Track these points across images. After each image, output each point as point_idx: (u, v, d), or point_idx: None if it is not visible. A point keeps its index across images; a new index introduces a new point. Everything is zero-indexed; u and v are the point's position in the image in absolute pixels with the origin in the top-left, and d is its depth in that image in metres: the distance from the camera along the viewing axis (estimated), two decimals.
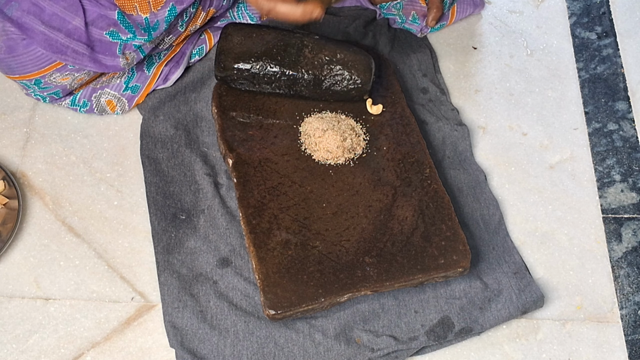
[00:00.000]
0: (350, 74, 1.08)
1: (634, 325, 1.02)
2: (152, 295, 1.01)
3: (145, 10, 1.04)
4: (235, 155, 1.06)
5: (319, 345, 0.97)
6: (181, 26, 1.10)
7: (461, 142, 1.14)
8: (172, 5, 1.05)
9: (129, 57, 1.06)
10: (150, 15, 1.04)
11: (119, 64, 1.06)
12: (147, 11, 1.04)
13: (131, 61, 1.07)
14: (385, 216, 1.01)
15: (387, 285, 0.96)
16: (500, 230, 1.07)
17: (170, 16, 1.05)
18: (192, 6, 1.09)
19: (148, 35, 1.05)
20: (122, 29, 1.03)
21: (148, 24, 1.05)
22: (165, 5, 1.05)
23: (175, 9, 1.05)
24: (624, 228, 1.10)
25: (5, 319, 0.99)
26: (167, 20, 1.06)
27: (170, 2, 1.05)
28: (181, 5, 1.06)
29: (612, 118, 1.21)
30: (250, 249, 0.99)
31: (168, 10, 1.05)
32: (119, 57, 1.05)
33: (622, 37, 1.30)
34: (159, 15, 1.05)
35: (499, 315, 0.99)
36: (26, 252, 1.04)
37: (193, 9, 1.10)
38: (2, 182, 1.07)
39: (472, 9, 1.29)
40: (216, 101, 1.11)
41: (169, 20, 1.06)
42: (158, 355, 0.97)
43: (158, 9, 1.04)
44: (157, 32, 1.06)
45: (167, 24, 1.06)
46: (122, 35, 1.04)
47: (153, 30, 1.05)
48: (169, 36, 1.11)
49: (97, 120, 1.16)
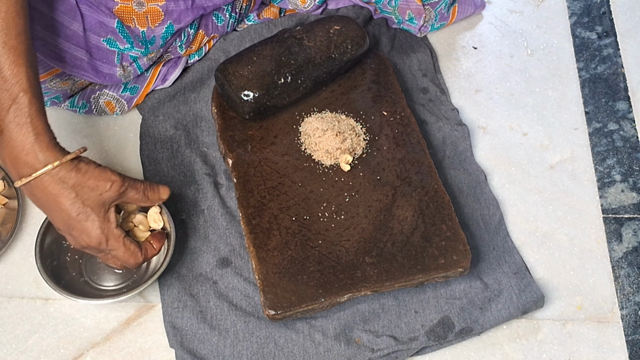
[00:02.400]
0: (351, 38, 1.12)
1: (635, 326, 1.02)
2: (152, 296, 1.01)
3: (143, 25, 1.04)
4: (235, 155, 1.06)
5: (319, 345, 0.96)
6: (180, 48, 1.11)
7: (461, 142, 1.14)
8: (169, 23, 1.05)
9: (126, 69, 1.07)
10: (147, 30, 1.05)
11: (116, 73, 1.06)
12: (145, 26, 1.04)
13: (127, 74, 1.08)
14: (385, 216, 1.01)
15: (387, 286, 0.96)
16: (501, 230, 1.07)
17: (167, 34, 1.06)
18: (190, 27, 1.09)
19: (145, 48, 1.05)
20: (120, 38, 1.03)
21: (145, 37, 1.05)
22: (162, 23, 1.05)
23: (172, 27, 1.06)
24: (624, 228, 1.10)
25: (5, 319, 0.99)
26: (163, 37, 1.06)
27: (168, 21, 1.05)
28: (179, 24, 1.06)
29: (612, 118, 1.20)
30: (250, 249, 0.99)
31: (165, 27, 1.05)
32: (117, 67, 1.06)
33: (623, 37, 1.30)
34: (156, 31, 1.05)
35: (499, 316, 0.99)
36: (26, 252, 1.04)
37: (191, 29, 1.10)
38: (2, 182, 1.07)
39: (473, 9, 1.29)
40: (216, 101, 1.11)
41: (165, 37, 1.06)
42: (158, 356, 0.97)
43: (155, 25, 1.05)
44: (154, 47, 1.06)
45: (163, 41, 1.06)
46: (120, 45, 1.04)
47: (150, 44, 1.06)
48: (167, 53, 1.11)
49: (96, 120, 1.16)
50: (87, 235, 0.87)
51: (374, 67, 1.16)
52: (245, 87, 1.06)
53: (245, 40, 1.18)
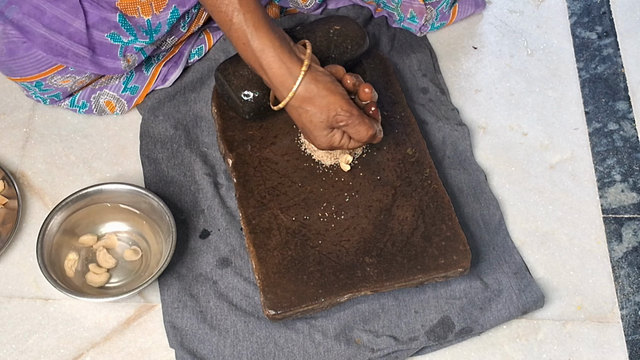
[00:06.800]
0: (351, 38, 1.11)
1: (635, 326, 1.02)
2: (152, 296, 1.01)
3: (147, 13, 1.04)
4: (235, 155, 1.06)
5: (319, 345, 0.96)
6: (183, 27, 1.10)
7: (461, 142, 1.14)
8: (174, 7, 1.05)
9: (130, 59, 1.06)
10: (152, 17, 1.04)
11: (120, 66, 1.06)
12: (149, 13, 1.04)
13: (132, 63, 1.07)
14: (385, 216, 1.01)
15: (387, 286, 0.96)
16: (501, 230, 1.07)
17: (172, 18, 1.05)
18: (194, 7, 1.08)
19: (150, 37, 1.05)
20: (123, 31, 1.03)
21: (150, 26, 1.04)
22: (167, 8, 1.04)
23: (177, 11, 1.05)
24: (624, 228, 1.10)
25: (5, 319, 0.99)
26: (169, 23, 1.05)
27: (172, 5, 1.04)
28: (183, 7, 1.05)
29: (612, 118, 1.20)
30: (250, 249, 0.99)
31: (170, 12, 1.05)
32: (120, 60, 1.05)
33: (623, 37, 1.29)
34: (161, 17, 1.05)
35: (499, 316, 0.99)
36: (26, 252, 1.04)
37: (195, 9, 1.09)
38: (2, 182, 1.06)
39: (473, 9, 1.29)
40: (216, 101, 1.11)
41: (171, 22, 1.05)
42: (158, 355, 0.97)
43: (160, 11, 1.04)
44: (159, 35, 1.06)
45: (169, 26, 1.06)
46: (124, 38, 1.03)
47: (155, 32, 1.05)
48: (170, 37, 1.10)
49: (96, 120, 1.16)
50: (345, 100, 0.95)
51: (374, 67, 1.16)
52: (245, 87, 1.06)
53: None
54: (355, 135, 0.96)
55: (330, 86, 0.95)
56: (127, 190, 1.03)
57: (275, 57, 0.93)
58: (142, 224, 1.04)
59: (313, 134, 0.97)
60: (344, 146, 0.98)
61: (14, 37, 1.01)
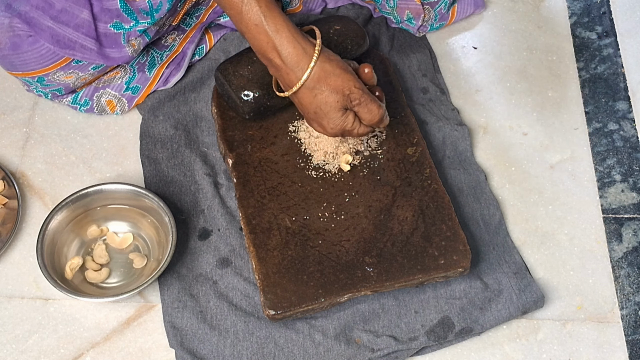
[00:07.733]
0: (351, 38, 1.11)
1: (635, 326, 1.02)
2: (152, 296, 1.01)
3: None
4: (235, 155, 1.06)
5: (319, 345, 0.96)
6: (179, 6, 1.09)
7: (461, 142, 1.14)
8: None
9: (135, 43, 1.06)
10: None
11: (127, 53, 1.06)
12: None
13: (138, 47, 1.07)
14: (385, 216, 1.01)
15: (387, 286, 0.96)
16: (501, 230, 1.07)
17: None
18: None
19: (151, 17, 1.04)
20: (125, 17, 1.02)
21: (151, 6, 1.03)
22: None
23: None
24: (624, 228, 1.10)
25: (5, 319, 0.99)
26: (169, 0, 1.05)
27: None
28: None
29: (612, 118, 1.20)
30: (250, 249, 0.99)
31: None
32: (125, 47, 1.05)
33: (623, 37, 1.29)
34: None
35: (499, 316, 0.99)
36: (26, 252, 1.04)
37: None
38: (2, 182, 1.06)
39: (473, 9, 1.29)
40: (216, 101, 1.11)
41: None
42: (158, 356, 0.97)
43: None
44: (160, 13, 1.05)
45: (169, 4, 1.05)
46: (125, 24, 1.03)
47: (156, 12, 1.04)
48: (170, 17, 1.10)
49: (96, 120, 1.16)
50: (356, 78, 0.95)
51: (373, 67, 1.15)
52: (245, 87, 1.06)
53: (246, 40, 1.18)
54: (367, 114, 0.96)
55: (342, 64, 0.95)
56: (127, 190, 1.03)
57: (290, 37, 0.92)
58: (142, 224, 1.04)
59: (328, 116, 0.96)
60: (354, 130, 0.98)
61: (20, 30, 1.01)
